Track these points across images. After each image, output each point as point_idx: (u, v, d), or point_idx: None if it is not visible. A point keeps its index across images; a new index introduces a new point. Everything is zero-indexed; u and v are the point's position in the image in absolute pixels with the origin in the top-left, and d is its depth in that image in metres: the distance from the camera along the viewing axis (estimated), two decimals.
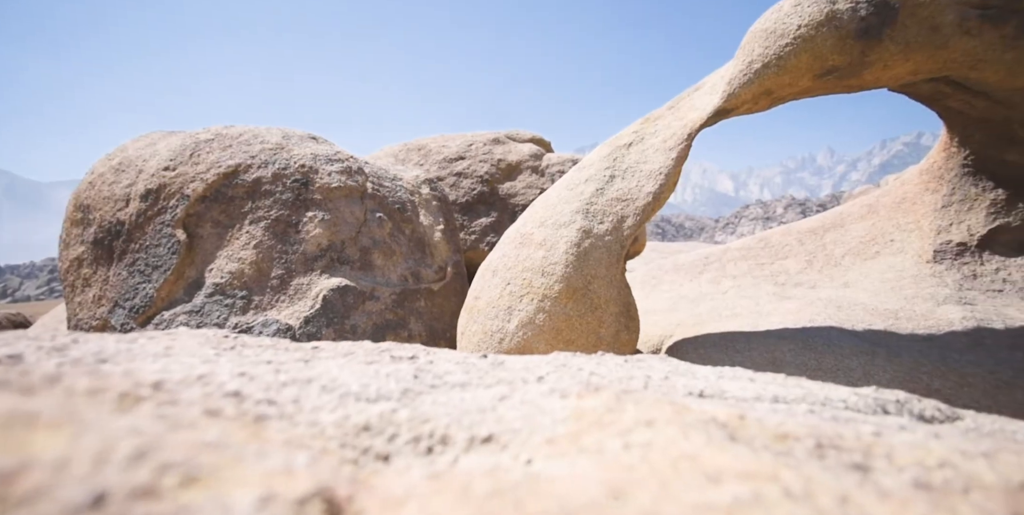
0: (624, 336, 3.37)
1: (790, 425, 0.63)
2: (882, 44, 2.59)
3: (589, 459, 0.50)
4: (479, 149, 4.70)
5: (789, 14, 2.76)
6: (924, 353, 2.84)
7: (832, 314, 3.27)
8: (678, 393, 0.88)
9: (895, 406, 0.96)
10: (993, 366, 2.63)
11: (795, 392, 0.94)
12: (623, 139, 3.59)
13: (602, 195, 3.49)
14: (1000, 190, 2.95)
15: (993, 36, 2.38)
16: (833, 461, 0.56)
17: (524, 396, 0.63)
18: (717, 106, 3.15)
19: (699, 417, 0.61)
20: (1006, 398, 2.56)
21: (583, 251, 3.34)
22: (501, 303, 3.43)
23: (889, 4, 2.53)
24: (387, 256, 3.50)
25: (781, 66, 2.84)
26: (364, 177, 3.55)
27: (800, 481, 0.45)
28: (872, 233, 3.52)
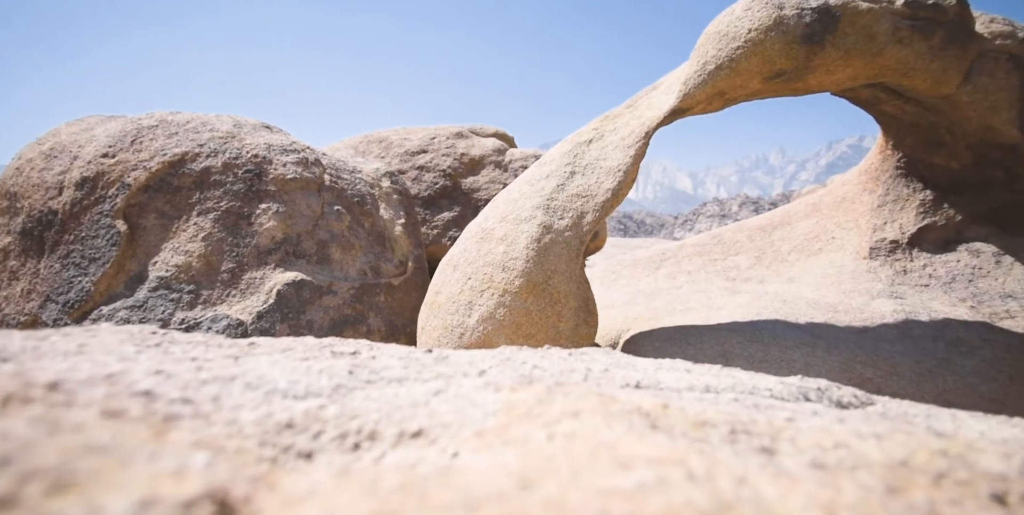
0: (583, 330, 3.43)
1: (710, 413, 0.67)
2: (825, 50, 2.72)
3: (513, 450, 0.51)
4: (442, 143, 4.66)
5: (740, 18, 2.86)
6: (859, 344, 3.03)
7: (778, 308, 3.43)
8: (615, 384, 0.91)
9: (816, 393, 1.02)
10: (919, 356, 2.84)
11: (726, 382, 0.99)
12: (583, 136, 3.63)
13: (562, 191, 3.53)
14: (928, 191, 3.16)
15: (922, 46, 2.53)
16: (743, 445, 0.59)
17: (459, 390, 0.64)
18: (673, 106, 3.23)
19: (624, 407, 0.63)
20: (929, 385, 2.76)
21: (543, 246, 3.37)
22: (462, 298, 3.43)
23: (831, 12, 2.66)
24: (346, 250, 3.43)
25: (733, 68, 2.94)
26: (321, 169, 3.45)
27: (705, 465, 0.48)
28: (816, 231, 3.71)
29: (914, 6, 2.52)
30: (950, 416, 0.89)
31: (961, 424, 0.85)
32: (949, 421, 0.86)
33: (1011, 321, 2.74)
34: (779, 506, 0.43)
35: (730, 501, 0.42)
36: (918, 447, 0.59)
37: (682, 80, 3.21)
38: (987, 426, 0.83)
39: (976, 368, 2.66)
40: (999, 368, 2.60)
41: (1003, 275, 2.87)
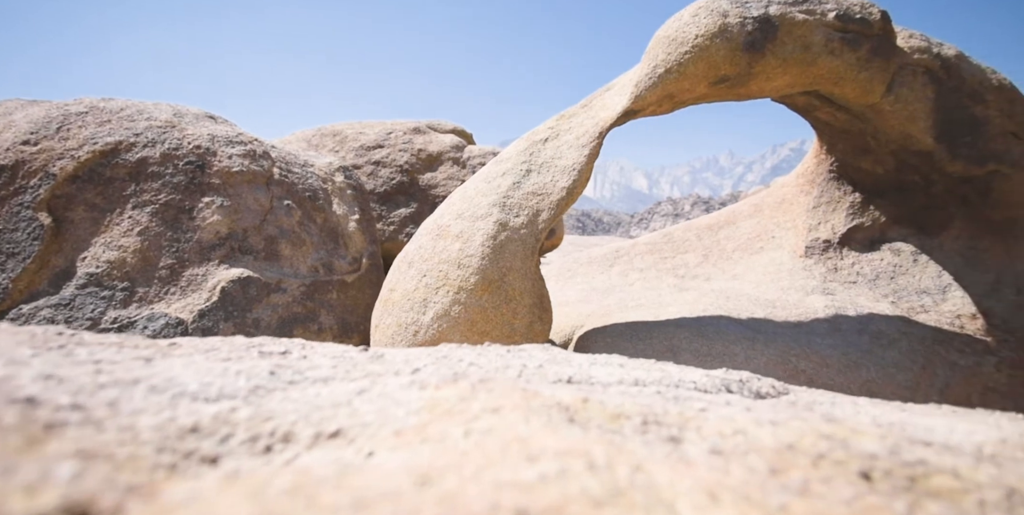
0: (537, 327, 3.48)
1: (627, 406, 0.70)
2: (765, 58, 2.87)
3: (429, 448, 0.52)
4: (399, 138, 4.59)
5: (688, 24, 2.96)
6: (794, 338, 3.22)
7: (722, 304, 3.59)
8: (548, 380, 0.94)
9: (737, 385, 1.09)
10: (846, 348, 3.05)
11: (655, 376, 1.04)
12: (539, 134, 3.67)
13: (518, 189, 3.56)
14: (857, 194, 3.39)
15: (851, 57, 2.71)
16: (653, 435, 0.63)
17: (384, 389, 0.65)
18: (626, 107, 3.32)
19: (545, 402, 0.66)
20: (855, 375, 2.98)
21: (499, 244, 3.39)
22: (417, 295, 3.40)
23: (771, 22, 2.80)
24: (296, 246, 3.34)
25: (681, 72, 3.05)
26: (270, 162, 3.33)
27: (608, 455, 0.51)
28: (758, 230, 3.90)
29: (844, 20, 2.69)
30: (851, 403, 0.97)
31: (859, 410, 0.93)
32: (850, 408, 0.94)
33: (925, 315, 2.99)
34: (667, 490, 0.46)
35: (623, 487, 0.45)
36: (807, 432, 0.64)
37: (634, 82, 3.30)
38: (881, 411, 0.91)
39: (895, 359, 2.88)
40: (914, 358, 2.83)
41: (919, 272, 3.12)
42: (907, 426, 0.80)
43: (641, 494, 0.45)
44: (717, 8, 2.94)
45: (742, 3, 2.91)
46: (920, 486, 0.54)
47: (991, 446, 0.68)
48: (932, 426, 0.79)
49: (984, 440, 0.69)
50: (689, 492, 0.46)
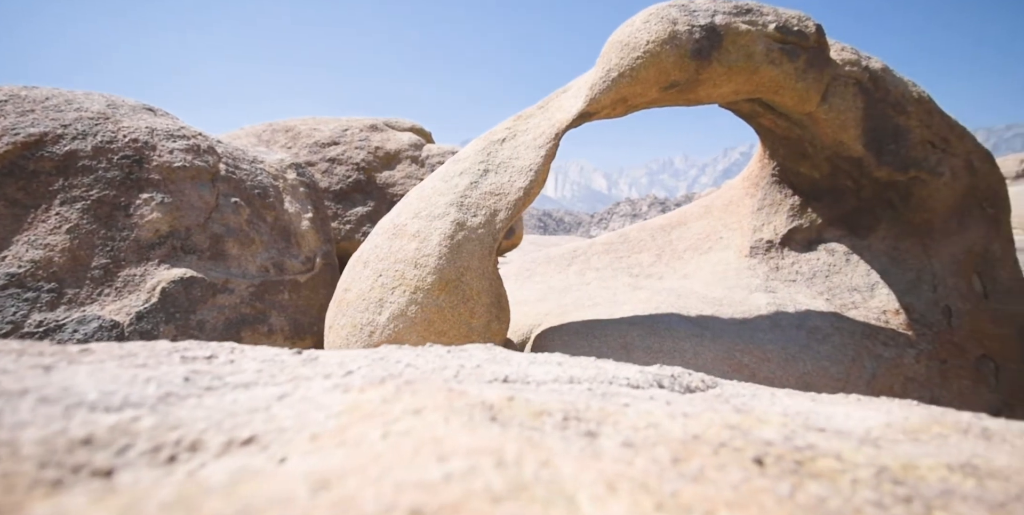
0: (495, 326, 3.50)
1: (552, 403, 0.73)
2: (711, 65, 2.99)
3: (343, 452, 0.53)
4: (355, 135, 4.50)
5: (640, 29, 3.05)
6: (739, 334, 3.37)
7: (673, 302, 3.72)
8: (484, 379, 0.96)
9: (669, 380, 1.14)
10: (785, 343, 3.22)
11: (590, 373, 1.08)
12: (497, 134, 3.69)
13: (476, 188, 3.56)
14: (796, 197, 3.58)
15: (790, 68, 2.86)
16: (572, 431, 0.66)
17: (306, 393, 0.64)
18: (581, 109, 3.38)
19: (470, 402, 0.67)
20: (793, 369, 3.15)
21: (456, 243, 3.39)
22: (372, 295, 3.35)
23: (716, 30, 2.92)
24: (244, 245, 3.22)
25: (634, 76, 3.13)
26: (216, 157, 3.20)
27: (518, 451, 0.53)
28: (707, 231, 4.06)
29: (783, 31, 2.84)
30: (769, 395, 1.04)
31: (774, 401, 0.99)
32: (766, 399, 1.00)
33: (855, 311, 3.19)
34: (570, 482, 0.48)
35: (527, 482, 0.47)
36: (713, 423, 0.69)
37: (589, 85, 3.36)
38: (793, 402, 0.98)
39: (828, 353, 3.07)
40: (845, 352, 3.02)
41: (851, 271, 3.34)
42: (811, 415, 0.86)
43: (543, 488, 0.47)
44: (667, 16, 3.04)
45: (690, 12, 3.02)
46: (806, 468, 0.59)
47: (877, 430, 0.74)
48: (833, 414, 0.86)
49: (872, 425, 0.76)
50: (591, 484, 0.49)
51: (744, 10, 2.96)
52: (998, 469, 0.58)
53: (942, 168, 2.98)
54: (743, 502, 0.50)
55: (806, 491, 0.54)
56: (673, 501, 0.48)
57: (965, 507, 0.52)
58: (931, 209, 3.05)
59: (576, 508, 0.45)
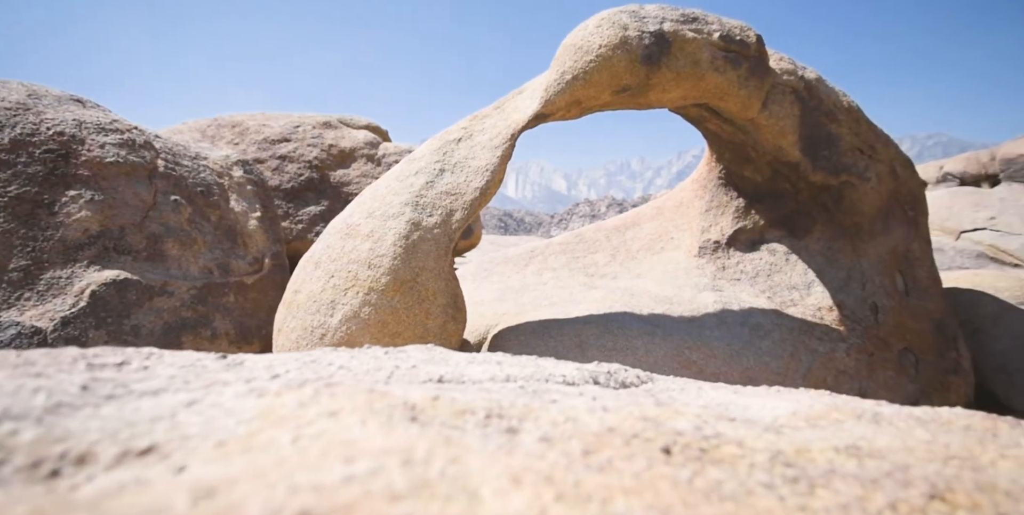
0: (451, 327, 3.48)
1: (477, 402, 0.73)
2: (661, 71, 3.09)
3: (248, 458, 0.52)
4: (307, 132, 4.37)
5: (592, 34, 3.11)
6: (688, 331, 3.49)
7: (627, 301, 3.82)
8: (418, 380, 0.96)
9: (605, 377, 1.17)
10: (730, 339, 3.37)
11: (528, 371, 1.09)
12: (453, 134, 3.67)
13: (432, 188, 3.54)
14: (741, 199, 3.75)
15: (733, 75, 2.99)
16: (493, 428, 0.67)
17: (218, 399, 0.62)
18: (536, 110, 3.41)
19: (392, 403, 0.67)
20: (736, 364, 3.29)
21: (412, 243, 3.35)
22: (324, 297, 3.27)
23: (665, 37, 3.02)
24: (185, 246, 3.07)
25: (587, 79, 3.19)
26: (154, 153, 3.04)
27: (429, 450, 0.53)
28: (659, 231, 4.18)
29: (727, 40, 2.97)
30: (697, 388, 1.09)
31: (701, 394, 1.04)
32: (693, 393, 1.05)
33: (794, 308, 3.37)
34: (476, 478, 0.49)
35: (431, 479, 0.48)
36: (632, 416, 0.71)
37: (544, 87, 3.40)
38: (718, 394, 1.03)
39: (769, 348, 3.23)
40: (784, 347, 3.18)
41: (790, 270, 3.52)
42: (730, 406, 0.91)
43: (447, 484, 0.47)
44: (618, 21, 3.11)
45: (640, 18, 3.10)
46: (710, 455, 0.62)
47: (783, 418, 0.79)
48: (750, 405, 0.91)
49: (780, 414, 0.81)
50: (496, 478, 0.50)
51: (691, 18, 3.07)
52: (878, 449, 0.64)
53: (869, 173, 3.20)
54: (641, 489, 0.52)
55: (706, 476, 0.58)
56: (574, 491, 0.50)
57: (843, 484, 0.56)
58: (860, 212, 3.27)
59: (478, 502, 0.46)
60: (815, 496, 0.55)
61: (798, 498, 0.55)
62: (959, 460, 0.62)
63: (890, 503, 0.53)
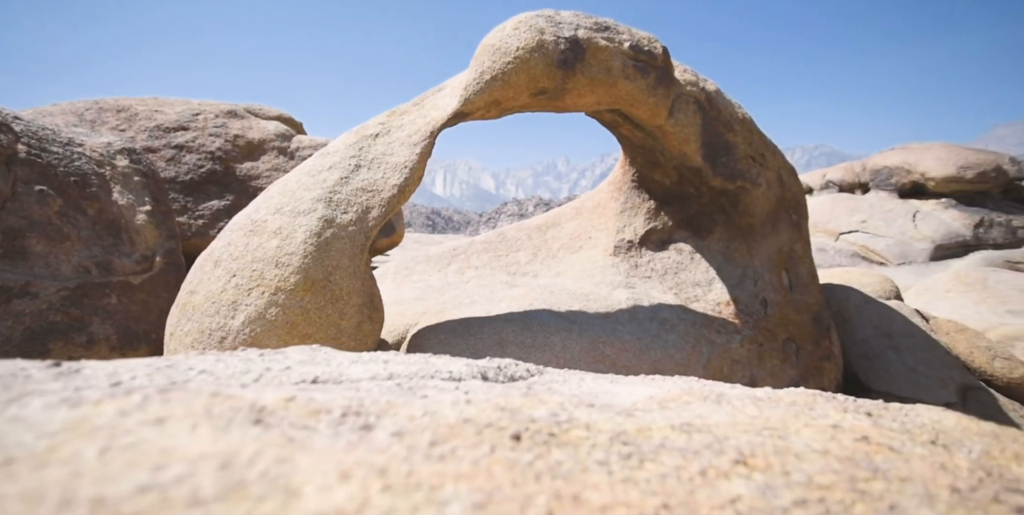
0: (367, 327, 3.38)
1: (337, 400, 0.71)
2: (576, 76, 3.19)
3: (36, 475, 0.46)
4: (209, 121, 4.05)
5: (510, 35, 3.15)
6: (602, 327, 3.64)
7: (546, 299, 3.91)
8: (291, 381, 0.91)
9: (494, 371, 1.19)
10: (640, 334, 3.55)
11: (414, 369, 1.08)
12: (370, 129, 3.56)
13: (347, 184, 3.41)
14: (652, 201, 3.97)
15: (642, 83, 3.16)
16: (348, 426, 0.65)
17: (19, 412, 0.55)
18: (456, 109, 3.40)
19: (236, 406, 0.63)
20: (646, 357, 3.49)
21: (324, 241, 3.22)
22: (224, 297, 3.05)
23: (579, 43, 3.13)
24: (54, 242, 2.73)
25: (505, 80, 3.23)
26: (12, 136, 2.66)
27: (255, 452, 0.51)
28: (578, 231, 4.32)
29: (636, 50, 3.13)
30: (579, 379, 1.13)
31: (581, 385, 1.08)
32: (574, 384, 1.09)
33: (697, 303, 3.62)
34: (302, 475, 0.48)
35: (248, 482, 0.46)
36: (492, 407, 0.73)
37: (463, 85, 3.40)
38: (596, 384, 1.08)
39: (675, 341, 3.44)
40: (687, 340, 3.41)
41: (695, 268, 3.78)
42: (599, 393, 0.96)
43: (264, 485, 0.45)
44: (535, 25, 3.18)
45: (556, 23, 3.19)
46: (558, 439, 0.65)
47: (641, 402, 0.85)
48: (619, 392, 0.96)
49: (638, 398, 0.86)
50: (324, 474, 0.49)
51: (603, 27, 3.20)
52: (708, 425, 0.70)
53: (760, 180, 3.52)
54: (475, 474, 0.53)
55: (547, 458, 0.60)
56: (405, 481, 0.50)
57: (668, 457, 0.61)
58: (753, 214, 3.58)
59: (296, 500, 0.45)
60: (642, 469, 0.60)
61: (627, 471, 0.59)
62: (770, 430, 0.69)
63: (701, 470, 0.59)
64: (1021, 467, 0.65)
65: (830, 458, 0.64)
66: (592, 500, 0.53)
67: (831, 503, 0.55)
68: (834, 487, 0.57)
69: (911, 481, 0.59)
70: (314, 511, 0.43)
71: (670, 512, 0.53)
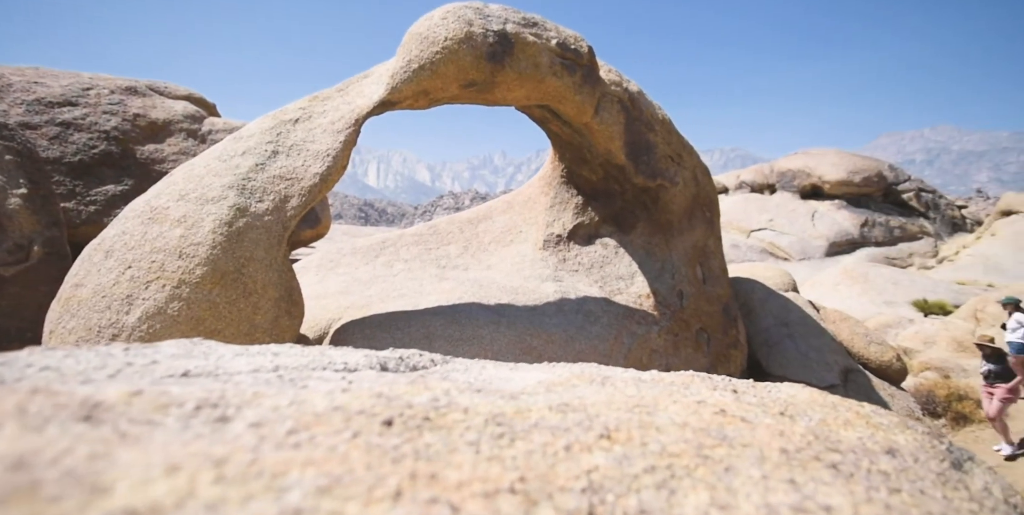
0: (285, 322, 3.21)
1: (194, 393, 0.66)
2: (505, 70, 3.19)
3: None
4: (104, 97, 3.65)
5: (438, 25, 3.10)
6: (530, 319, 3.70)
7: (476, 292, 3.90)
8: (155, 376, 0.84)
9: (395, 362, 1.16)
10: (566, 326, 3.64)
11: (306, 360, 1.04)
12: (289, 114, 3.37)
13: (263, 171, 3.21)
14: (580, 197, 4.07)
15: (569, 81, 3.22)
16: (201, 418, 0.61)
17: None
18: (382, 97, 3.29)
19: (60, 402, 0.57)
20: (571, 348, 3.58)
21: (236, 231, 3.01)
22: (117, 291, 2.78)
23: (508, 38, 3.13)
24: None
25: (434, 71, 3.17)
26: None
27: (64, 449, 0.46)
28: (509, 225, 4.35)
29: (563, 47, 3.18)
30: (480, 368, 1.14)
31: (482, 373, 1.09)
32: (475, 372, 1.09)
33: (620, 296, 3.77)
34: (115, 472, 0.44)
35: (42, 481, 0.41)
36: (369, 395, 0.71)
37: (390, 73, 3.29)
38: (496, 372, 1.09)
39: (598, 332, 3.56)
40: (610, 331, 3.54)
41: (619, 262, 3.93)
42: (495, 380, 0.96)
43: (62, 485, 0.41)
44: (463, 16, 3.14)
45: (484, 16, 3.17)
46: (433, 422, 0.64)
47: (530, 387, 0.86)
48: (514, 378, 0.97)
49: (528, 383, 0.88)
50: (145, 469, 0.45)
51: (531, 23, 3.23)
52: (584, 405, 0.72)
53: (678, 178, 3.72)
54: (328, 459, 0.51)
55: (417, 441, 0.59)
56: (244, 470, 0.47)
57: (539, 435, 0.62)
58: (672, 211, 3.78)
59: (102, 497, 0.41)
60: (512, 447, 0.60)
61: (496, 450, 0.59)
62: (641, 407, 0.73)
63: (567, 445, 0.60)
64: (847, 431, 0.72)
65: (687, 430, 0.68)
66: (450, 478, 0.53)
67: (677, 468, 0.58)
68: (683, 454, 0.61)
69: (751, 446, 0.64)
70: (122, 508, 0.40)
71: (525, 484, 0.54)
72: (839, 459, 0.63)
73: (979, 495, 0.59)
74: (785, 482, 0.57)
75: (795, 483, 0.56)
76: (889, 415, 0.82)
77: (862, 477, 0.59)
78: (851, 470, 0.61)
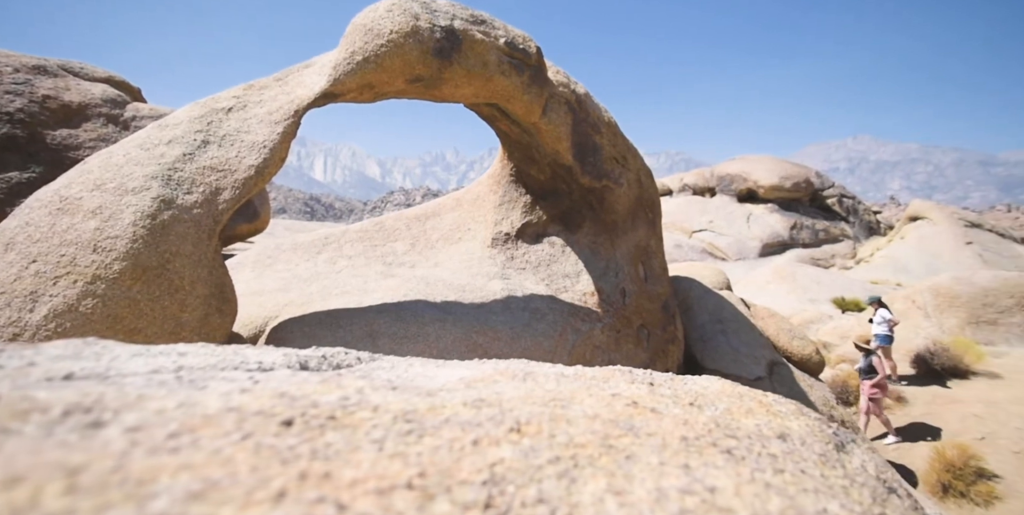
0: (215, 320, 3.03)
1: (64, 397, 0.61)
2: (453, 66, 3.16)
3: None
4: (6, 75, 3.31)
5: (383, 17, 3.02)
6: (477, 317, 3.68)
7: (422, 289, 3.84)
8: (29, 379, 0.77)
9: (317, 361, 1.12)
10: (512, 323, 3.66)
11: (214, 360, 0.98)
12: (222, 102, 3.18)
13: (191, 161, 3.02)
14: (528, 196, 4.10)
15: (518, 80, 3.23)
16: (68, 425, 0.55)
17: None
18: (324, 88, 3.17)
19: None
20: (517, 345, 3.60)
21: (161, 224, 2.82)
22: (19, 288, 2.54)
23: (456, 34, 3.10)
24: None
25: (379, 64, 3.09)
26: None
27: None
28: (458, 222, 4.32)
29: (511, 46, 3.18)
30: (407, 366, 1.11)
31: (408, 370, 1.07)
32: (400, 370, 1.07)
33: (566, 294, 3.83)
34: None
35: None
36: (270, 394, 0.68)
37: (333, 64, 3.18)
38: (422, 370, 1.07)
39: (544, 329, 3.60)
40: (555, 328, 3.59)
41: (565, 261, 3.99)
42: (417, 377, 0.95)
43: None
44: (409, 9, 3.08)
45: (431, 11, 3.12)
46: (339, 421, 0.62)
47: (451, 383, 0.85)
48: (438, 375, 0.96)
49: (448, 380, 0.87)
50: None
51: (480, 20, 3.21)
52: (499, 400, 0.72)
53: (623, 180, 3.82)
54: (206, 463, 0.48)
55: (317, 441, 0.57)
56: (103, 479, 0.44)
57: (449, 430, 0.61)
58: (616, 212, 3.88)
59: None
60: (420, 443, 0.59)
61: (401, 447, 0.58)
62: (557, 401, 0.74)
63: (475, 439, 0.60)
64: (747, 419, 0.76)
65: (597, 421, 0.69)
66: (344, 476, 0.51)
67: (581, 458, 0.59)
68: (588, 445, 0.62)
69: (655, 435, 0.66)
70: None
71: (425, 480, 0.53)
72: (734, 444, 0.66)
73: (853, 472, 0.64)
74: (680, 467, 0.59)
75: (688, 468, 0.59)
76: (788, 403, 0.87)
77: (752, 460, 0.63)
78: (743, 454, 0.64)
